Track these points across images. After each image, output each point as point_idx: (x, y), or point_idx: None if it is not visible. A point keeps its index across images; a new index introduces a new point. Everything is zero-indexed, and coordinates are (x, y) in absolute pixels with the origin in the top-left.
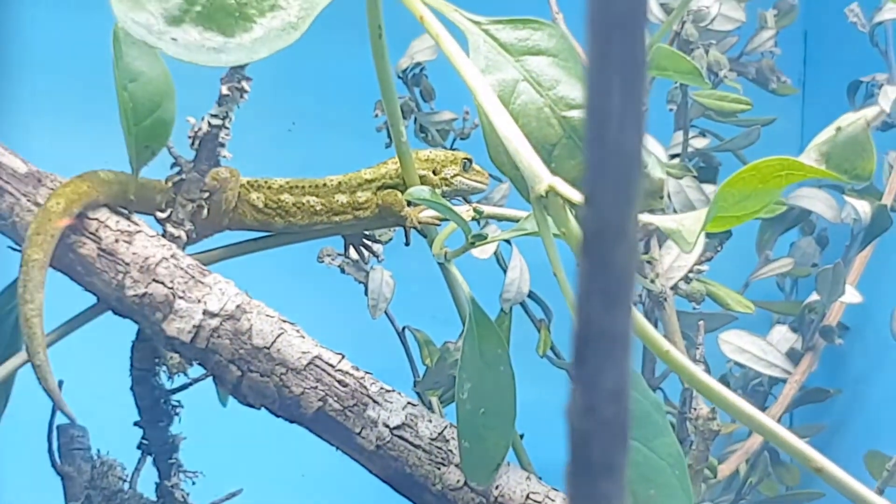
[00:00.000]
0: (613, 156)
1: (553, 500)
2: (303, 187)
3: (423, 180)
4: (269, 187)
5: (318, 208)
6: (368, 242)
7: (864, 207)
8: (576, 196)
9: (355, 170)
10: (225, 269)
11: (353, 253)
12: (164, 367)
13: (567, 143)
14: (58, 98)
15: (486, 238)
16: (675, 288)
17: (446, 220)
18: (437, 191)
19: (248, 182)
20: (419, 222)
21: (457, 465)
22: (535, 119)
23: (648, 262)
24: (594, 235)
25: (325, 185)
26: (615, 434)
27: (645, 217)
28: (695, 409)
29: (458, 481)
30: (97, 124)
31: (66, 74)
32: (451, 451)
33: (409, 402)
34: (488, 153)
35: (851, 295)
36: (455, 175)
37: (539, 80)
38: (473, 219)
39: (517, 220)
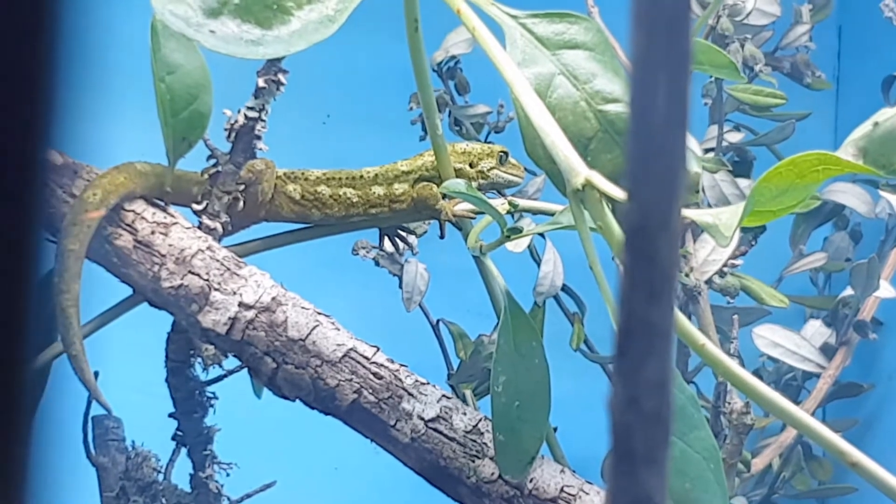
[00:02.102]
0: (657, 150)
1: (587, 493)
2: (339, 179)
3: (459, 173)
4: (306, 179)
5: (354, 200)
6: (404, 234)
7: None
8: (613, 190)
9: (390, 162)
10: (261, 261)
11: (388, 245)
12: (199, 359)
13: (603, 137)
14: (95, 90)
15: (521, 231)
16: (709, 282)
17: (481, 213)
18: (473, 184)
19: (284, 174)
20: (454, 215)
21: (491, 458)
22: (571, 113)
23: (683, 256)
24: (637, 229)
25: (361, 176)
26: (657, 426)
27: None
28: (729, 403)
29: (492, 474)
30: (134, 116)
31: (104, 66)
32: (485, 443)
33: (443, 395)
34: (524, 146)
35: (885, 290)
36: (491, 168)
37: (575, 74)
38: (508, 212)
39: (551, 214)
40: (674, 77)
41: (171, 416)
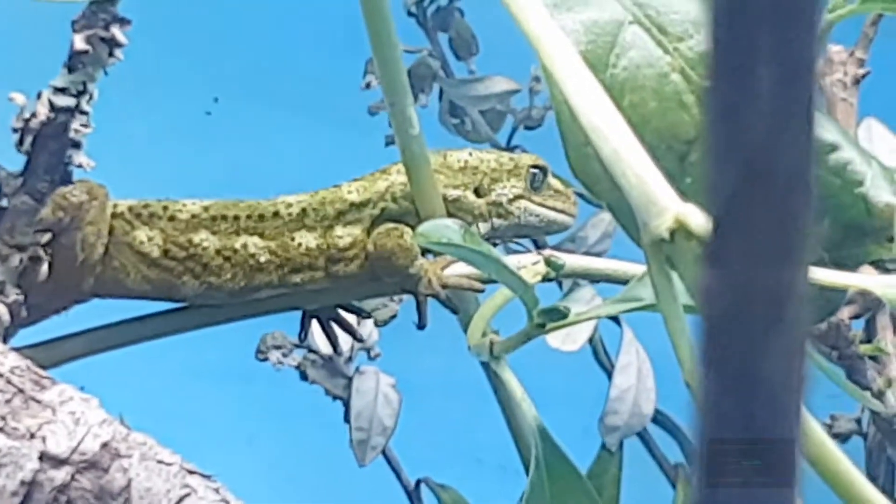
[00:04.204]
0: (760, 168)
1: None
2: (235, 219)
3: (455, 206)
4: (172, 218)
5: (262, 259)
6: (350, 322)
7: None
8: None
9: (330, 185)
10: (85, 374)
11: (320, 341)
12: None
13: None
14: None
15: (566, 316)
16: None
17: (493, 281)
18: (481, 227)
19: (129, 209)
20: (443, 286)
21: None
22: (653, 95)
23: (872, 358)
24: (726, 317)
25: (275, 213)
26: None
27: (853, 278)
28: None
29: None
30: None
31: None
32: None
33: None
34: (567, 158)
35: None
36: (516, 197)
37: (661, 24)
38: (546, 279)
39: (629, 281)
40: (785, 27)
41: None
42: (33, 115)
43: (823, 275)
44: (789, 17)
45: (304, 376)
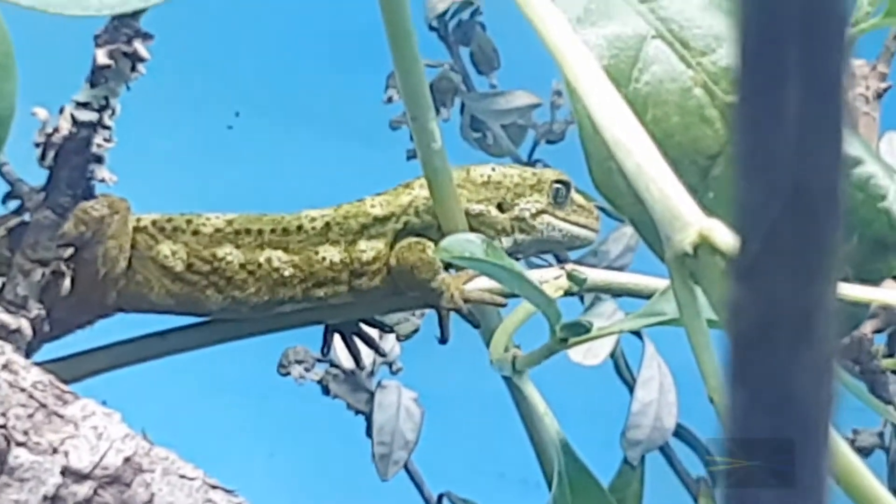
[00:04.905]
0: (789, 184)
1: None
2: (259, 233)
3: (478, 221)
4: (196, 233)
5: (286, 273)
6: (372, 336)
7: None
8: None
9: (351, 199)
10: (107, 389)
11: (342, 356)
12: None
13: None
14: None
15: (588, 330)
16: None
17: (516, 295)
18: (504, 241)
19: (153, 223)
20: (465, 300)
21: None
22: (676, 109)
23: (895, 372)
24: (754, 333)
25: (299, 227)
26: None
27: (876, 292)
28: None
29: None
30: None
31: None
32: None
33: None
34: (589, 172)
35: None
36: (539, 212)
37: (684, 38)
38: (569, 293)
39: (649, 296)
40: (814, 45)
41: None
42: (55, 129)
43: (846, 289)
44: (818, 32)
45: (326, 391)
